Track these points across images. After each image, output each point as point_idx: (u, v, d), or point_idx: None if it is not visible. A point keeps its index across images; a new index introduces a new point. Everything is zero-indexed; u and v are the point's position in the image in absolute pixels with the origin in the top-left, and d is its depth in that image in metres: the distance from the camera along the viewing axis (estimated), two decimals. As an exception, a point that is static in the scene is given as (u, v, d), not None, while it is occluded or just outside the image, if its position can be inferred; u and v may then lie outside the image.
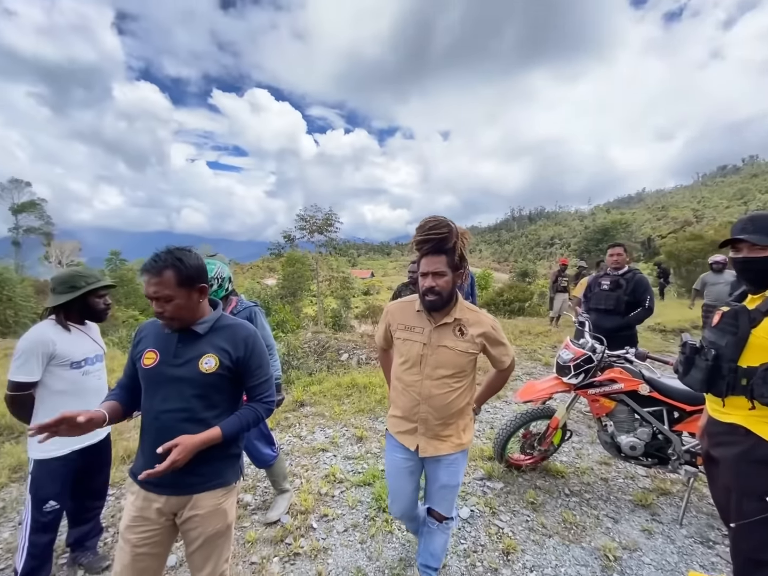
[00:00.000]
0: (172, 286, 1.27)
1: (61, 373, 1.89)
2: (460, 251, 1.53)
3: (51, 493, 1.88)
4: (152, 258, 1.28)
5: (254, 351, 1.42)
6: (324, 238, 20.72)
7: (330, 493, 2.77)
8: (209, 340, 1.38)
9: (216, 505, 1.39)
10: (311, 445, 3.50)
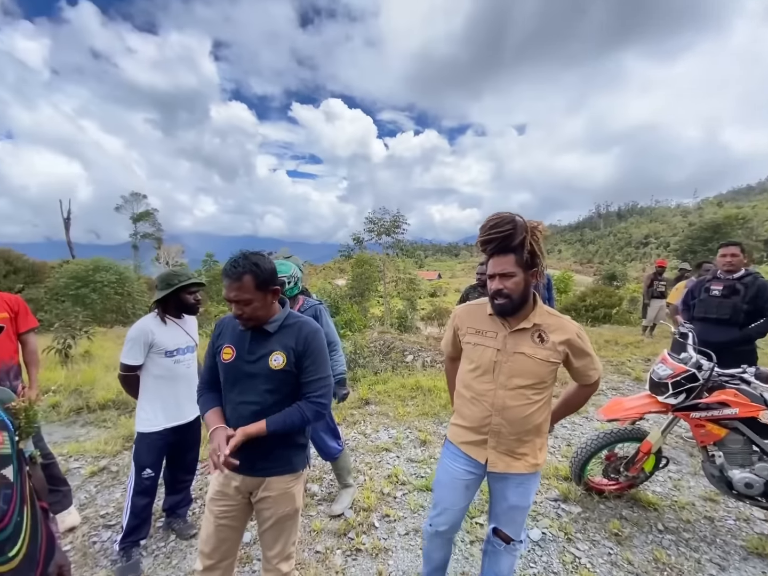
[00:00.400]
0: (251, 290, 1.36)
1: (158, 359, 2.18)
2: (530, 247, 1.38)
3: (148, 462, 2.17)
4: (231, 263, 1.37)
5: (309, 348, 1.46)
6: (391, 240, 21.05)
7: (392, 494, 2.78)
8: (278, 338, 1.46)
9: (285, 489, 1.49)
10: (375, 444, 3.55)
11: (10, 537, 0.96)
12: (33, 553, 1.02)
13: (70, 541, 2.33)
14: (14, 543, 0.97)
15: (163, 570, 2.12)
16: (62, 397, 4.58)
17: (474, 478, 1.62)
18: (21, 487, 1.02)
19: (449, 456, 1.66)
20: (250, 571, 2.09)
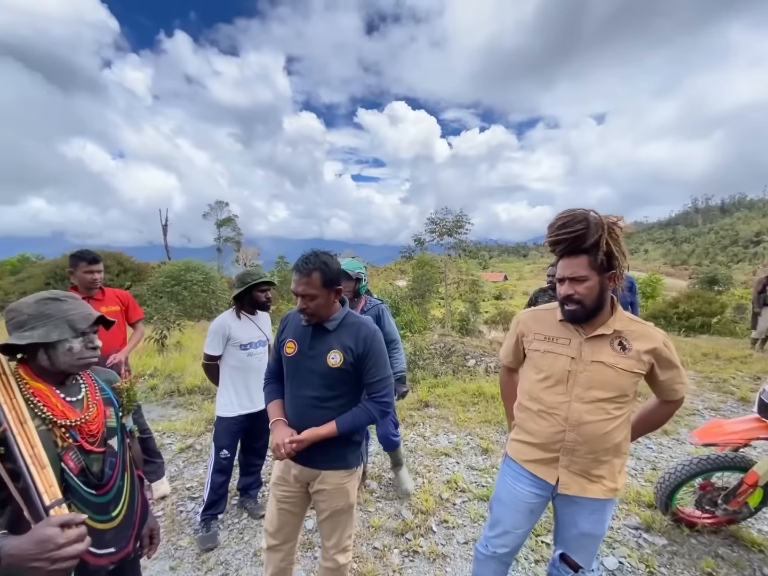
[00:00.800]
0: (318, 287, 1.42)
1: (234, 351, 2.40)
2: (607, 248, 1.24)
3: (225, 444, 2.39)
4: (303, 260, 1.45)
5: (370, 350, 1.49)
6: (453, 241, 20.59)
7: (451, 500, 2.72)
8: (337, 336, 1.51)
9: (339, 485, 1.54)
10: (434, 447, 3.51)
11: (113, 499, 1.12)
12: (130, 515, 1.19)
13: (162, 508, 2.66)
14: (116, 504, 1.13)
15: (236, 544, 2.31)
16: (159, 381, 5.24)
17: (540, 502, 1.47)
18: (123, 457, 1.19)
19: (511, 475, 1.52)
20: (312, 557, 2.20)
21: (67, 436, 1.03)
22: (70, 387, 1.11)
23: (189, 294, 14.92)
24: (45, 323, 1.02)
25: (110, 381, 1.26)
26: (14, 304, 1.05)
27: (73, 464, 1.03)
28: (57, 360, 1.04)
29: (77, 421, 1.05)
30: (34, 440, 0.93)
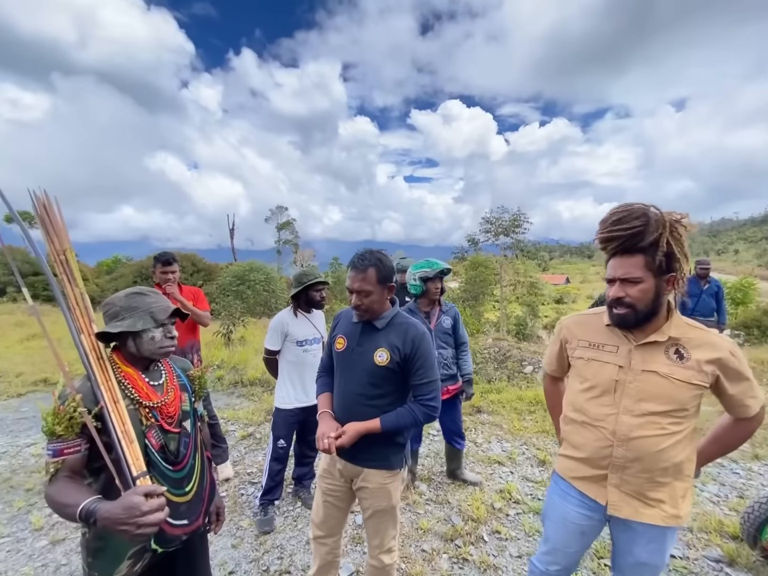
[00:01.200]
0: (373, 283, 1.45)
1: (291, 347, 2.53)
2: (666, 248, 1.12)
3: (281, 434, 2.53)
4: (359, 256, 1.48)
5: (419, 351, 1.47)
6: (510, 241, 19.66)
7: (504, 511, 2.61)
8: (385, 335, 1.52)
9: (382, 484, 1.54)
10: (487, 455, 3.39)
11: (186, 476, 1.24)
12: (200, 492, 1.30)
13: (225, 489, 2.88)
14: (189, 481, 1.25)
15: (291, 530, 2.43)
16: (225, 372, 5.68)
17: (592, 524, 1.35)
18: (195, 438, 1.31)
19: (559, 493, 1.41)
20: (362, 552, 2.24)
21: (150, 416, 1.16)
22: (153, 372, 1.25)
23: (252, 293, 15.99)
24: (132, 314, 1.16)
25: (185, 369, 1.39)
26: (109, 298, 1.21)
27: (155, 441, 1.16)
28: (142, 347, 1.18)
29: (158, 403, 1.18)
30: (124, 418, 1.07)
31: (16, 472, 3.05)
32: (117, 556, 1.12)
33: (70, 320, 1.13)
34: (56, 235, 1.17)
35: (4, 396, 4.78)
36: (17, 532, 2.39)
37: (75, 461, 1.04)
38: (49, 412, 1.01)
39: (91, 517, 0.92)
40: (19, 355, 6.46)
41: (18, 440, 3.63)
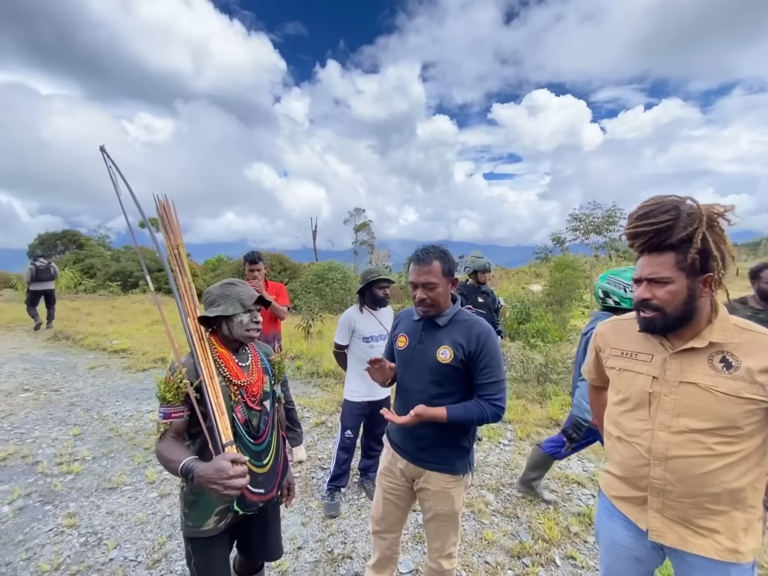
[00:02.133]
0: (438, 275, 1.44)
1: (358, 343, 2.62)
2: (702, 244, 0.97)
3: (349, 425, 2.63)
4: (422, 250, 1.48)
5: (484, 349, 1.42)
6: (603, 240, 17.45)
7: (582, 536, 2.37)
8: (447, 332, 1.49)
9: (444, 488, 1.51)
10: (564, 473, 3.11)
11: (264, 450, 1.37)
12: (275, 466, 1.43)
13: (298, 471, 3.10)
14: (266, 455, 1.38)
15: (355, 518, 2.52)
16: (303, 363, 6.11)
17: (646, 551, 1.17)
18: (273, 417, 1.44)
19: (605, 513, 1.28)
20: (422, 551, 2.23)
21: (238, 393, 1.31)
22: (241, 355, 1.41)
23: (330, 290, 16.94)
24: (225, 301, 1.33)
25: (267, 354, 1.55)
26: (208, 288, 1.41)
27: (240, 415, 1.30)
28: (233, 330, 1.34)
29: (245, 382, 1.33)
30: (218, 392, 1.23)
31: (138, 433, 3.68)
32: (206, 511, 1.29)
33: (179, 305, 1.34)
34: (172, 232, 1.40)
35: (132, 370, 5.78)
36: (136, 482, 2.88)
37: (179, 425, 1.23)
38: (162, 381, 1.21)
39: (190, 473, 1.08)
40: (145, 337, 7.75)
41: (141, 407, 4.36)
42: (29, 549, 2.18)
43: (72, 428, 3.72)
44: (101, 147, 1.43)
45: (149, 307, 11.69)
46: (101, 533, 2.33)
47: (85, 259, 20.49)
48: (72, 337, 7.39)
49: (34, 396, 4.58)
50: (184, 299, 1.36)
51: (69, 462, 3.10)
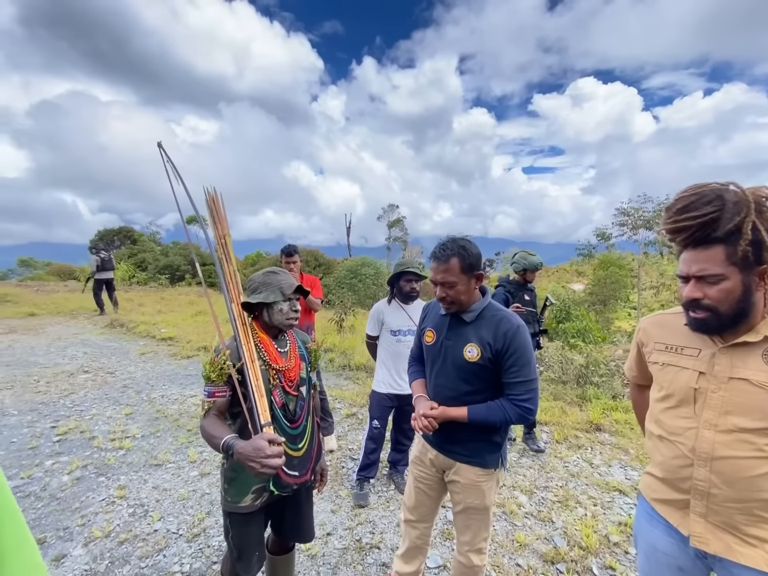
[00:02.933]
0: (457, 273, 1.38)
1: (386, 335, 2.61)
2: (753, 234, 0.86)
3: (376, 415, 2.64)
4: (440, 247, 1.42)
5: (512, 346, 1.34)
6: (653, 236, 15.99)
7: (622, 547, 2.23)
8: (474, 329, 1.42)
9: (474, 482, 1.47)
10: (605, 480, 2.94)
11: (299, 434, 1.40)
12: (310, 451, 1.46)
13: (329, 460, 3.15)
14: (301, 439, 1.41)
15: (383, 510, 2.53)
16: (335, 355, 6.22)
17: (690, 559, 1.06)
18: (308, 403, 1.47)
19: (645, 516, 1.19)
20: (450, 548, 2.19)
21: (276, 377, 1.35)
22: (280, 341, 1.45)
23: (363, 286, 17.11)
24: (266, 289, 1.38)
25: (305, 342, 1.58)
26: (251, 275, 1.46)
27: (278, 399, 1.34)
28: (273, 317, 1.38)
29: (283, 367, 1.37)
30: (258, 375, 1.27)
31: (182, 415, 3.91)
32: (244, 488, 1.34)
33: (225, 291, 1.39)
34: (220, 222, 1.46)
35: (178, 357, 6.15)
36: (179, 461, 3.06)
37: (221, 403, 1.28)
38: (207, 362, 1.27)
39: (230, 450, 1.13)
40: (189, 327, 8.22)
41: (185, 391, 4.63)
42: (84, 516, 2.38)
43: (124, 408, 4.02)
44: (159, 143, 1.50)
45: (194, 299, 12.38)
46: (147, 506, 2.49)
47: (138, 253, 22.05)
48: (126, 325, 7.99)
49: (93, 377, 5.00)
50: (229, 286, 1.41)
51: (121, 438, 3.35)
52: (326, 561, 2.08)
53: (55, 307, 9.81)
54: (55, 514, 2.39)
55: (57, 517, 2.36)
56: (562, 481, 2.89)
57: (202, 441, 3.44)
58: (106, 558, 2.05)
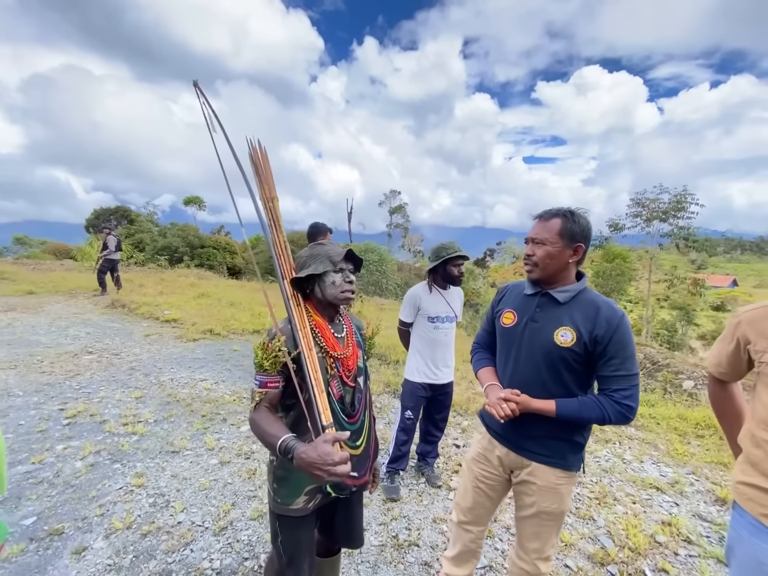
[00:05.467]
0: (552, 233, 1.25)
1: (423, 322, 2.45)
2: None
3: (408, 405, 2.50)
4: (550, 208, 1.31)
5: (615, 335, 1.19)
6: (669, 227, 15.48)
7: (671, 548, 2.13)
8: (568, 311, 1.27)
9: (553, 484, 1.33)
10: (639, 476, 2.85)
11: (357, 430, 1.24)
12: (368, 449, 1.30)
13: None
14: (359, 436, 1.25)
15: (416, 504, 2.41)
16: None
17: None
18: (366, 395, 1.31)
19: (747, 528, 1.06)
20: (493, 546, 2.08)
21: (334, 366, 1.18)
22: (337, 325, 1.27)
23: (366, 272, 16.90)
24: (314, 261, 1.20)
25: (359, 327, 1.40)
26: (298, 252, 1.27)
27: (336, 391, 1.17)
28: (326, 292, 1.20)
29: (341, 355, 1.20)
30: (316, 366, 1.09)
31: (195, 400, 3.76)
32: (296, 488, 1.19)
33: (277, 265, 1.21)
34: (267, 183, 1.26)
35: (184, 339, 5.98)
36: (196, 448, 2.92)
37: (274, 395, 1.12)
38: (259, 347, 1.09)
39: (289, 453, 0.96)
40: (193, 309, 8.03)
41: (195, 375, 4.48)
42: (102, 505, 2.24)
43: (134, 391, 3.87)
44: (195, 82, 1.29)
45: (195, 282, 12.15)
46: (168, 495, 2.36)
47: (136, 234, 21.60)
48: (127, 305, 7.77)
49: (97, 358, 4.83)
50: (281, 259, 1.23)
51: (133, 423, 3.20)
52: (365, 559, 1.97)
53: (54, 285, 9.55)
54: (71, 502, 2.25)
55: (74, 506, 2.22)
56: (595, 477, 2.78)
57: (218, 427, 3.32)
58: (130, 552, 1.92)
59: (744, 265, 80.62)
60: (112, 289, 8.97)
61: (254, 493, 2.42)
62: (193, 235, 22.75)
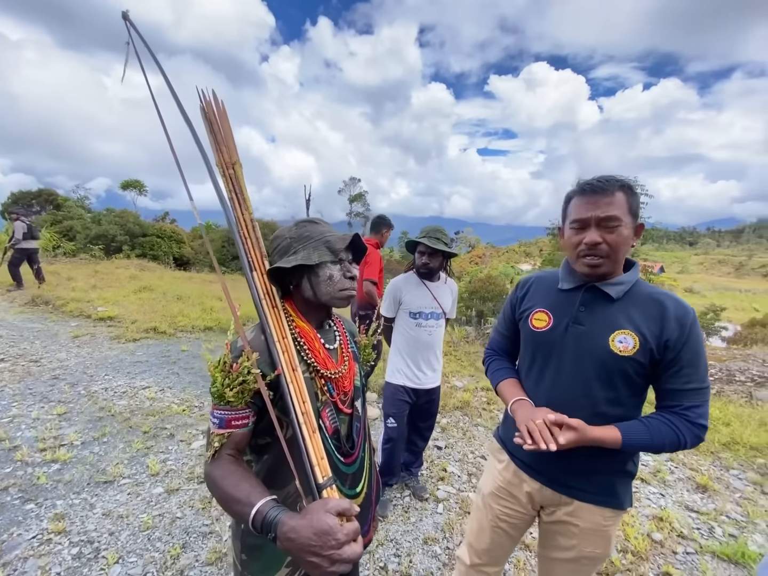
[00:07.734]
0: (624, 210, 0.95)
1: (404, 317, 2.17)
2: None
3: (390, 412, 2.20)
4: (596, 179, 0.99)
5: (690, 340, 0.94)
6: None
7: (669, 546, 2.05)
8: (625, 310, 1.01)
9: (601, 526, 1.08)
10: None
11: (357, 471, 0.91)
12: (369, 494, 0.98)
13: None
14: (359, 479, 0.92)
15: (403, 523, 2.14)
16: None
17: None
18: (364, 422, 0.98)
19: None
20: (492, 568, 1.87)
21: (326, 389, 0.84)
22: (327, 332, 0.92)
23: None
24: (305, 245, 0.85)
25: (353, 333, 1.06)
26: (277, 231, 0.91)
27: (329, 423, 0.84)
28: (319, 289, 0.85)
29: (336, 374, 0.85)
30: (304, 395, 0.74)
31: (134, 413, 3.20)
32: (274, 561, 0.84)
33: (242, 251, 0.83)
34: (226, 144, 0.86)
35: (122, 340, 5.23)
36: (136, 474, 2.43)
37: (241, 437, 0.76)
38: (217, 368, 0.73)
39: (271, 529, 0.61)
40: (133, 305, 7.14)
41: (134, 382, 3.87)
42: (7, 564, 1.73)
43: (56, 406, 3.22)
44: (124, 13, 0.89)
45: (135, 273, 10.96)
46: (98, 542, 1.89)
47: (64, 220, 19.16)
48: (52, 302, 6.73)
49: (11, 367, 4.03)
50: (247, 243, 0.84)
51: (54, 447, 2.62)
52: (351, 602, 1.66)
53: (-44, 280, 8.09)
54: (-43, 567, 1.71)
55: (-39, 572, 1.69)
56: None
57: (164, 445, 2.82)
58: (42, 631, 1.46)
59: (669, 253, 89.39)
60: (33, 284, 7.76)
61: (210, 528, 2.01)
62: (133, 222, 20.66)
